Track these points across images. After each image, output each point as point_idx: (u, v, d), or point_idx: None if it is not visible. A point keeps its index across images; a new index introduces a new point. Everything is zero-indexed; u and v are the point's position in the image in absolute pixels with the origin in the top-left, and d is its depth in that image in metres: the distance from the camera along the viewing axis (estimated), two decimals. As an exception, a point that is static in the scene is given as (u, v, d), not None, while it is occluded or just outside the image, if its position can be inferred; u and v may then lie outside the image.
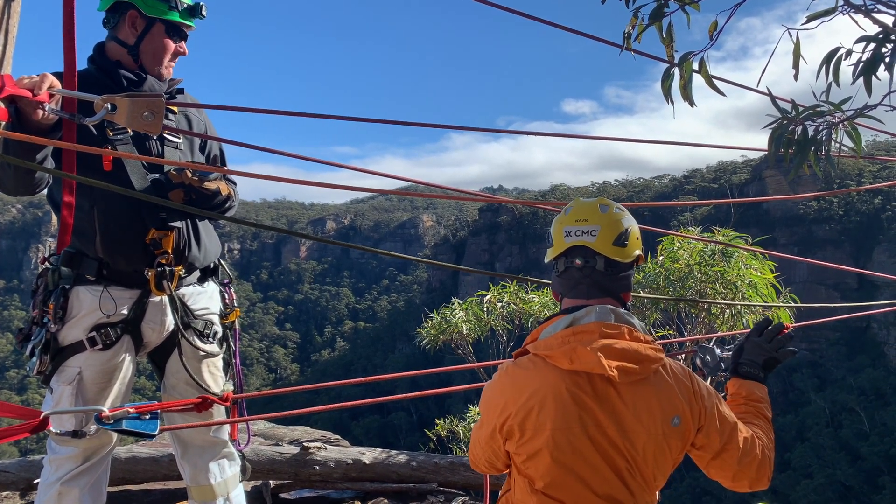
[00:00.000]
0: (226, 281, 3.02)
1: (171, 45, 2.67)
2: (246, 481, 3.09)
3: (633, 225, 2.05)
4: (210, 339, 2.83)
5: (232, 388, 2.93)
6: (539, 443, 1.85)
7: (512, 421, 1.87)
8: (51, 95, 2.06)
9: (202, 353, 2.79)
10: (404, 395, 2.82)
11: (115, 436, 2.60)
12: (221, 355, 2.91)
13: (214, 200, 2.69)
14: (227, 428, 2.94)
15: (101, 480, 2.71)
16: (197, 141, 2.85)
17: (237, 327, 3.02)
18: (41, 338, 2.54)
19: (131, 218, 2.58)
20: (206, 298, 2.85)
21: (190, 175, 2.56)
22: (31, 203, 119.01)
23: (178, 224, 2.65)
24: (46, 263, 2.66)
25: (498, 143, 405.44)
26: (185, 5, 2.65)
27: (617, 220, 2.02)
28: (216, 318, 2.89)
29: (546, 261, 2.13)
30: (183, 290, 2.74)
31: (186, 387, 2.79)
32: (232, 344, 2.97)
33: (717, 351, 2.56)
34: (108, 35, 2.67)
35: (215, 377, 2.86)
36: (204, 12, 2.70)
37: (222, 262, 3.03)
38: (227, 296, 2.99)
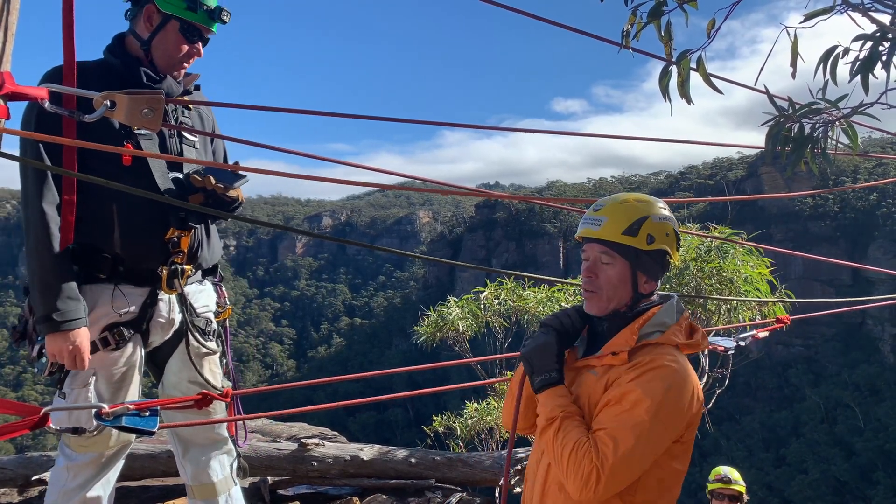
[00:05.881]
0: (216, 280, 3.01)
1: (184, 46, 2.58)
2: (244, 478, 3.09)
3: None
4: (210, 337, 2.83)
5: (230, 385, 2.93)
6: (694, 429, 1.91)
7: (698, 409, 1.89)
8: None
9: (204, 351, 2.80)
10: (404, 393, 2.84)
11: (128, 437, 2.58)
12: (219, 353, 2.92)
13: (233, 206, 2.66)
14: (226, 424, 2.95)
15: (112, 481, 2.72)
16: (208, 140, 2.85)
17: (227, 325, 3.01)
18: None
19: (153, 215, 2.54)
20: (206, 296, 2.86)
21: (214, 182, 2.52)
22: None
23: (197, 224, 2.64)
24: None
25: (491, 141, 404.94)
26: (206, 7, 2.54)
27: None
28: (212, 316, 2.89)
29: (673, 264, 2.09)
30: (187, 289, 2.74)
31: (189, 385, 2.77)
32: (225, 341, 2.96)
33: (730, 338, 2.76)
34: (129, 27, 2.61)
35: (215, 374, 2.86)
36: (226, 18, 2.59)
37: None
38: (219, 294, 2.98)
